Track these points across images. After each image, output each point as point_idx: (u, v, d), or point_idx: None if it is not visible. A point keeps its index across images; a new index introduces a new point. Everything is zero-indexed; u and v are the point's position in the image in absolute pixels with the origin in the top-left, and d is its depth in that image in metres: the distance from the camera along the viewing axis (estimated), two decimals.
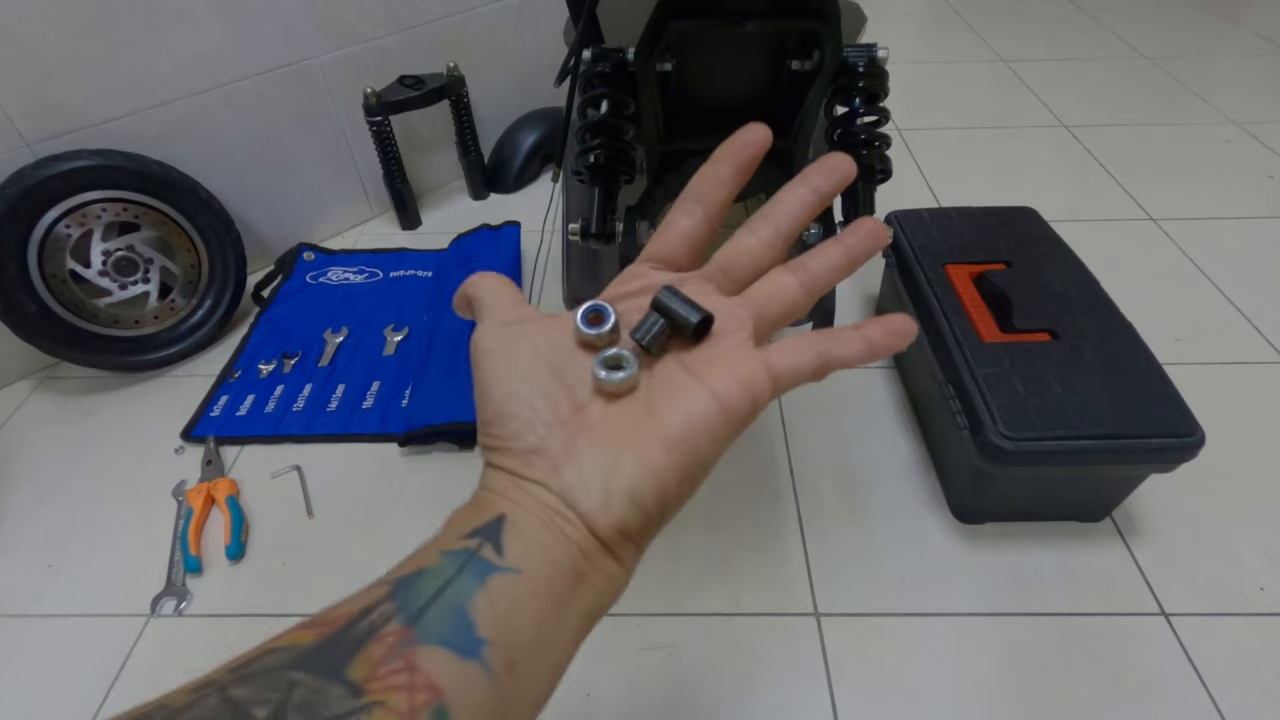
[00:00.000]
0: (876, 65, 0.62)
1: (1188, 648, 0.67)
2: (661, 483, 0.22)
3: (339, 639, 0.18)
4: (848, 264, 0.27)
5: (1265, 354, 0.96)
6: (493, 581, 0.20)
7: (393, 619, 0.19)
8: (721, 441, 0.23)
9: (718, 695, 0.66)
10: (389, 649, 0.18)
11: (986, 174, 1.37)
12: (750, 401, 0.23)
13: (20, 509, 0.85)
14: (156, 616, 0.73)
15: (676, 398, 0.23)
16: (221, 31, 1.01)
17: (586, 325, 0.24)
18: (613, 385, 0.23)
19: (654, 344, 0.24)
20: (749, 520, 0.79)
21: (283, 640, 0.18)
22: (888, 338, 0.25)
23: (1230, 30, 1.90)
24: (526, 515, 0.22)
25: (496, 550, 0.21)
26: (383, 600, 0.19)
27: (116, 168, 0.93)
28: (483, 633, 0.19)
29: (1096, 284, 0.81)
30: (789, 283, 0.26)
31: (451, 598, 0.19)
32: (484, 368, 0.24)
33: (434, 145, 1.34)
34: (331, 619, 0.19)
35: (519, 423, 0.23)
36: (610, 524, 0.22)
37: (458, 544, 0.21)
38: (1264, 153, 1.38)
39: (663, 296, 0.24)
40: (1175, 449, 0.66)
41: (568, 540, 0.22)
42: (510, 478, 0.23)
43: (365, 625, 0.18)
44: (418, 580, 0.20)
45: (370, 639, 0.18)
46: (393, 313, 1.10)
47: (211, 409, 0.95)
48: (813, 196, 0.27)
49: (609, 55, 0.61)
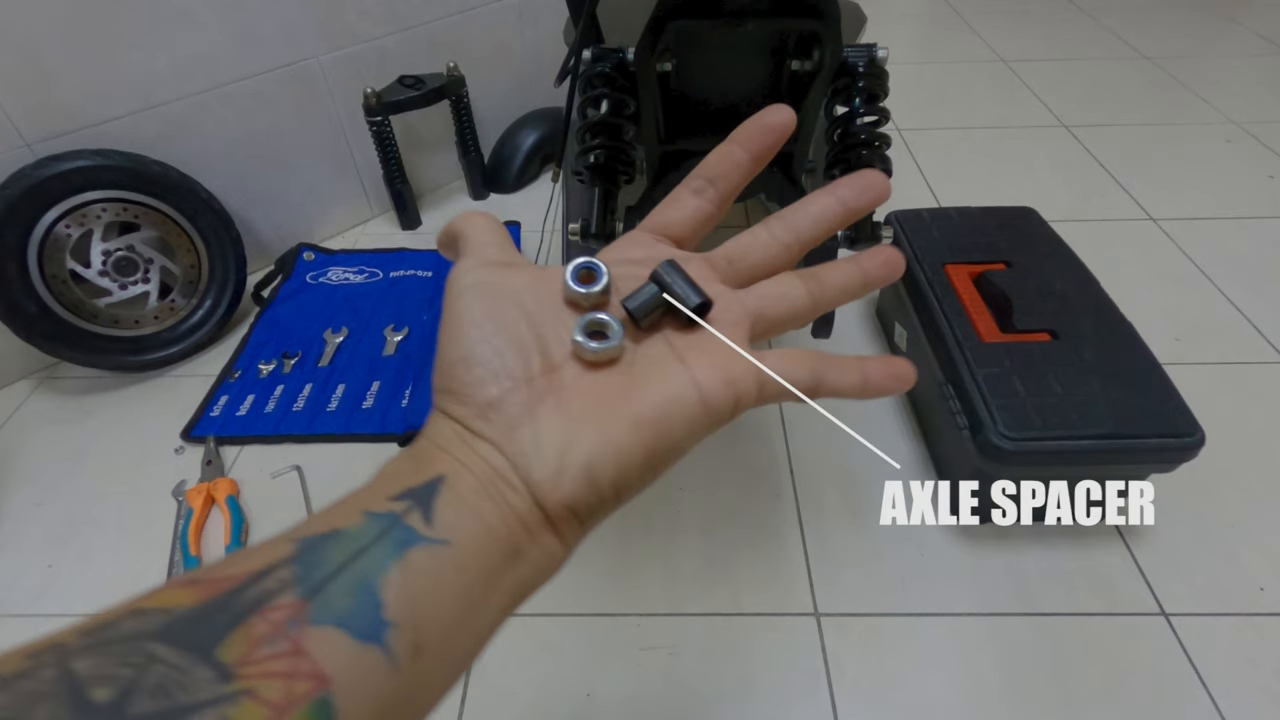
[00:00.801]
0: (876, 65, 0.62)
1: (1188, 648, 0.67)
2: (623, 463, 0.21)
3: (220, 606, 0.16)
4: (861, 287, 0.26)
5: (1265, 354, 0.96)
6: (413, 554, 0.18)
7: (288, 589, 0.16)
8: (696, 433, 0.22)
9: (718, 695, 0.66)
10: (274, 627, 0.16)
11: (986, 174, 1.37)
12: (732, 399, 0.22)
13: (20, 509, 0.85)
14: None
15: (657, 378, 0.22)
16: (221, 31, 1.01)
17: (577, 282, 0.23)
18: (592, 354, 0.22)
19: (645, 316, 0.23)
20: (749, 520, 0.79)
21: (154, 599, 0.16)
22: (886, 380, 0.25)
23: (1230, 30, 1.90)
24: (468, 477, 0.20)
25: (425, 517, 0.19)
26: (283, 563, 0.17)
27: (116, 168, 0.93)
28: (390, 614, 0.17)
29: (1096, 284, 0.81)
30: (797, 289, 0.25)
31: (361, 571, 0.17)
32: (458, 305, 0.22)
33: (434, 145, 1.34)
34: (219, 578, 0.17)
35: (484, 370, 0.21)
36: (560, 498, 0.20)
37: (384, 505, 0.19)
38: (1264, 153, 1.38)
39: (663, 270, 0.23)
40: (1175, 449, 0.66)
41: (508, 509, 0.20)
42: (460, 431, 0.21)
43: (255, 593, 0.16)
44: (327, 544, 0.18)
45: (255, 612, 0.16)
46: (393, 313, 1.10)
47: (211, 409, 0.95)
48: (839, 209, 0.26)
49: (609, 55, 0.61)
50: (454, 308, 0.23)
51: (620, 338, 0.22)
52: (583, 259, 0.23)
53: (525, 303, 0.23)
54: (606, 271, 0.23)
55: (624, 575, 0.75)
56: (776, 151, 0.26)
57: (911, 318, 0.86)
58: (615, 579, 0.74)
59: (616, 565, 0.76)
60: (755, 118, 0.26)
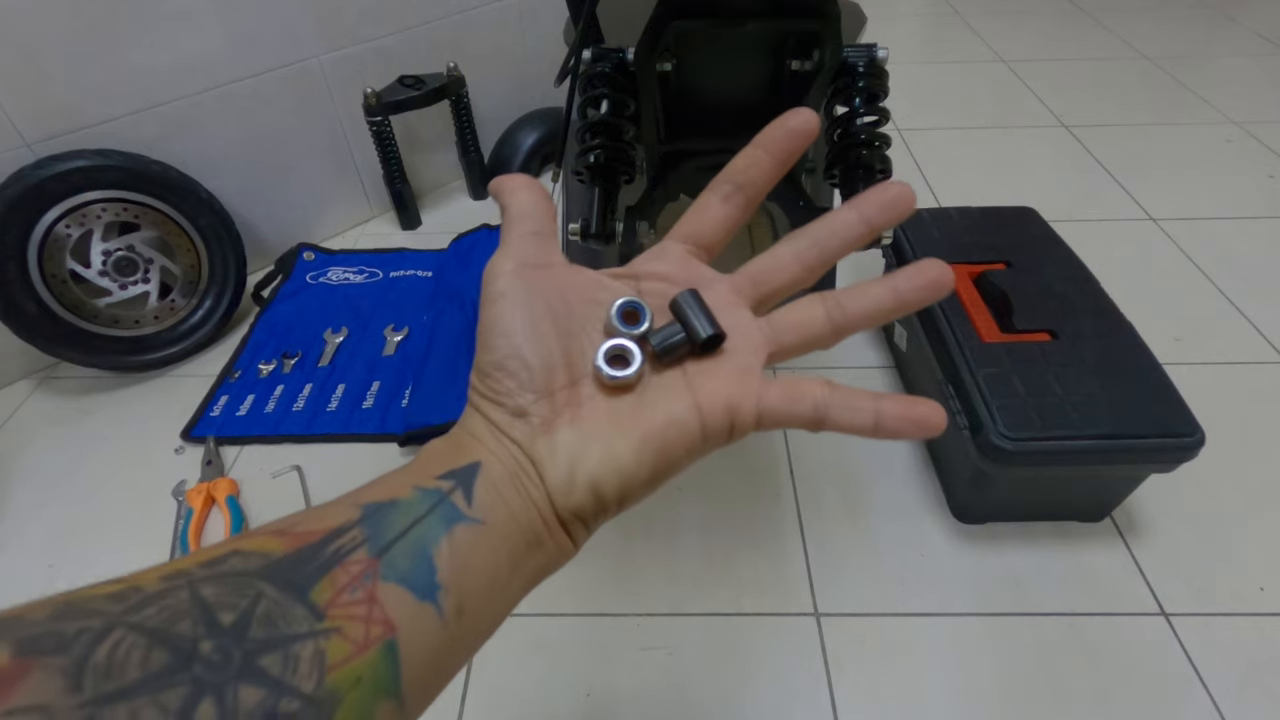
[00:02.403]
0: (876, 65, 0.62)
1: (1188, 648, 0.67)
2: (626, 478, 0.23)
3: (308, 556, 0.18)
4: (894, 308, 0.25)
5: (1265, 354, 0.96)
6: (458, 529, 0.21)
7: (361, 547, 0.19)
8: (694, 453, 0.23)
9: (718, 695, 0.66)
10: (353, 578, 0.18)
11: (986, 174, 1.37)
12: (728, 425, 0.23)
13: (21, 509, 0.85)
14: None
15: (664, 403, 0.23)
16: (221, 31, 1.01)
17: (622, 322, 0.24)
18: (610, 381, 0.23)
19: (667, 356, 0.24)
20: (749, 520, 0.79)
21: (251, 543, 0.19)
22: (902, 424, 0.23)
23: (1230, 30, 1.90)
24: (499, 467, 0.22)
25: (466, 497, 0.21)
26: (353, 524, 0.20)
27: (116, 168, 0.93)
28: (440, 578, 0.20)
29: (1096, 284, 0.81)
30: (817, 316, 0.25)
31: (418, 538, 0.20)
32: (493, 311, 0.24)
33: (434, 145, 1.34)
34: (303, 532, 0.19)
35: (515, 382, 0.23)
36: (568, 507, 0.23)
37: (431, 482, 0.21)
38: (1264, 153, 1.38)
39: (682, 300, 0.24)
40: (1175, 449, 0.66)
41: (530, 503, 0.22)
42: (491, 428, 0.23)
43: (334, 548, 0.19)
44: (389, 511, 0.20)
45: (337, 564, 0.19)
46: (393, 313, 1.10)
47: (211, 409, 0.95)
48: (864, 228, 0.25)
49: (609, 55, 0.61)
50: (489, 312, 0.24)
51: (639, 366, 0.23)
52: (627, 299, 0.24)
53: (557, 310, 0.24)
54: (650, 316, 0.24)
55: (624, 575, 0.75)
56: (800, 155, 0.26)
57: (911, 318, 0.86)
58: (615, 579, 0.74)
59: (617, 565, 0.76)
60: (778, 122, 0.25)
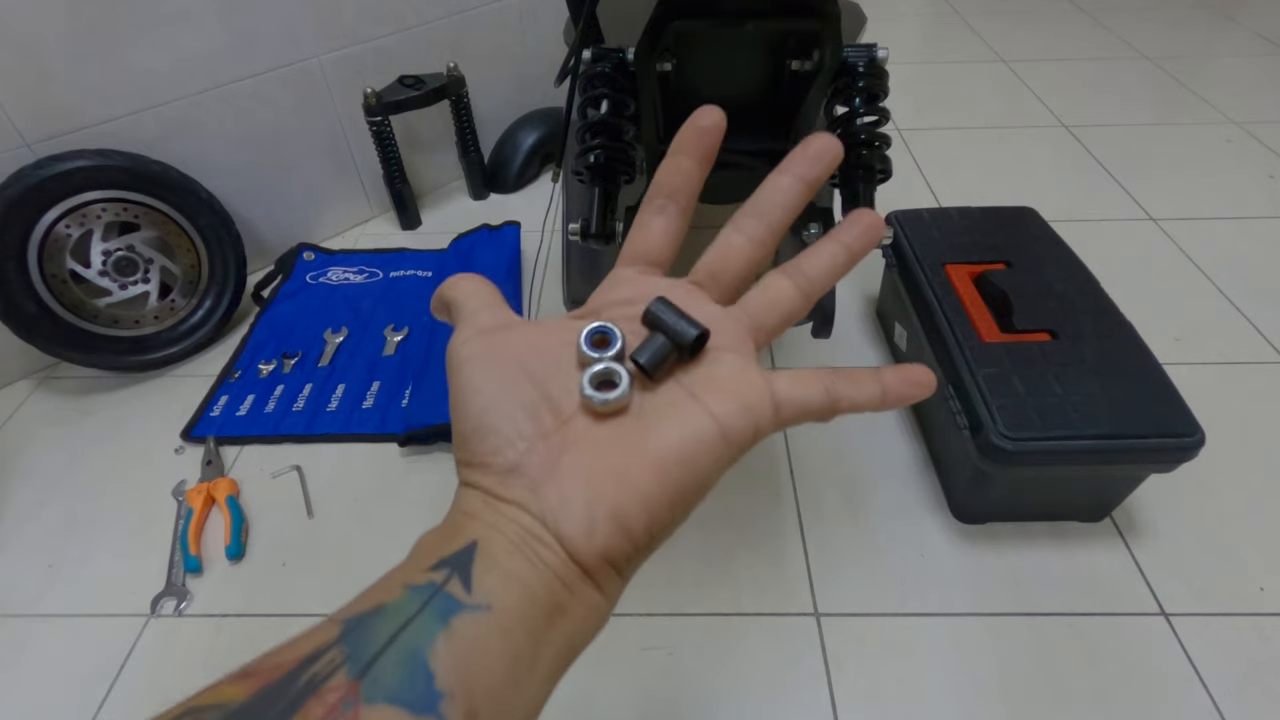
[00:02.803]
0: (876, 65, 0.62)
1: (1188, 648, 0.67)
2: (652, 508, 0.21)
3: (274, 696, 0.16)
4: (847, 261, 0.25)
5: (1265, 354, 0.96)
6: (457, 622, 0.18)
7: (339, 669, 0.17)
8: (721, 467, 0.22)
9: (718, 695, 0.66)
10: (330, 709, 0.16)
11: (986, 174, 1.37)
12: (752, 428, 0.22)
13: (20, 509, 0.85)
14: (156, 616, 0.73)
15: (672, 418, 0.22)
16: (221, 31, 1.01)
17: (591, 348, 0.22)
18: (601, 405, 0.21)
19: (656, 368, 0.22)
20: (749, 520, 0.79)
21: (209, 696, 0.16)
22: (904, 386, 0.24)
23: (1230, 30, 1.90)
24: (500, 540, 0.20)
25: (465, 584, 0.19)
26: (330, 645, 0.17)
27: (116, 168, 0.93)
28: (441, 684, 0.17)
29: (1096, 284, 0.81)
30: (785, 288, 0.25)
31: (409, 643, 0.17)
32: (460, 378, 0.22)
33: (434, 145, 1.34)
34: (271, 666, 0.17)
35: (498, 438, 0.21)
36: (594, 550, 0.20)
37: (423, 576, 0.19)
38: (1264, 153, 1.38)
39: (655, 309, 0.23)
40: (1175, 449, 0.66)
41: (544, 567, 0.20)
42: (485, 498, 0.21)
43: (307, 679, 0.16)
44: (373, 621, 0.18)
45: (310, 696, 0.16)
46: (393, 313, 1.10)
47: (211, 409, 0.95)
48: (799, 185, 0.25)
49: (609, 55, 0.61)
50: (456, 381, 0.23)
51: (628, 384, 0.22)
52: (594, 324, 0.23)
53: (526, 361, 0.23)
54: (621, 336, 0.23)
55: None
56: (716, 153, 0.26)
57: (911, 318, 0.86)
58: None
59: None
60: (689, 124, 0.26)
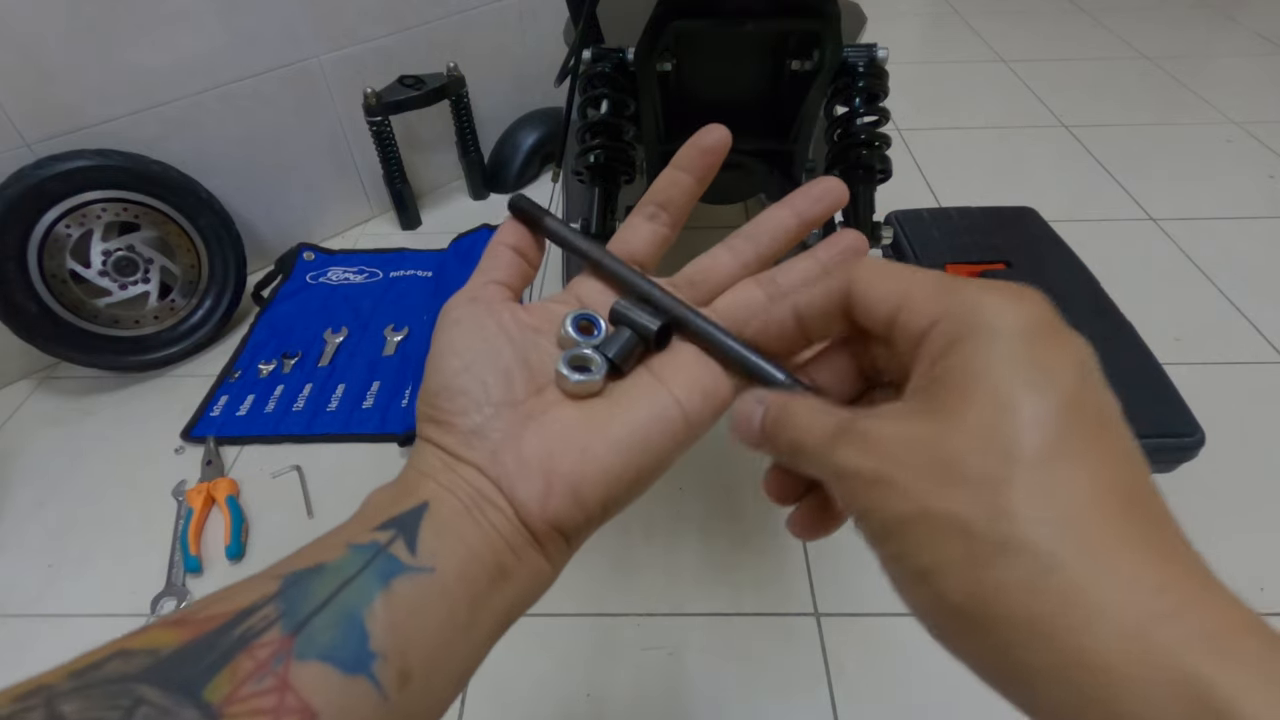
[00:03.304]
0: (876, 65, 0.62)
1: None
2: (611, 483, 0.21)
3: (206, 645, 0.16)
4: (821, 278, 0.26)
5: (1265, 354, 0.96)
6: (397, 583, 0.18)
7: (274, 625, 0.17)
8: (681, 447, 0.22)
9: (718, 695, 0.66)
10: (260, 664, 0.16)
11: (986, 174, 1.37)
12: (712, 411, 0.23)
13: (20, 509, 0.85)
14: (156, 616, 0.73)
15: (638, 398, 0.23)
16: (221, 31, 1.01)
17: (578, 334, 0.24)
18: (574, 386, 0.23)
19: (625, 363, 0.23)
20: (749, 520, 0.79)
21: (141, 639, 0.16)
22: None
23: (1230, 30, 1.90)
24: (451, 501, 0.20)
25: (409, 545, 0.19)
26: (268, 600, 0.17)
27: (116, 168, 0.93)
28: (376, 644, 0.17)
29: (1096, 284, 0.82)
30: (755, 296, 0.25)
31: (346, 604, 0.17)
32: (443, 338, 0.23)
33: (434, 145, 1.34)
34: (205, 617, 0.17)
35: (467, 399, 0.22)
36: (546, 518, 0.21)
37: (368, 536, 0.19)
38: (1264, 153, 1.38)
39: (620, 307, 0.24)
40: (1175, 449, 0.66)
41: (493, 530, 0.20)
42: (444, 457, 0.21)
43: (240, 631, 0.16)
44: (312, 578, 0.18)
45: (241, 650, 0.16)
46: (393, 313, 1.09)
47: (211, 409, 0.95)
48: (795, 220, 0.26)
49: (609, 55, 0.61)
50: (438, 339, 0.23)
51: (603, 372, 0.23)
52: (581, 310, 0.24)
53: (508, 326, 0.23)
54: (604, 325, 0.24)
55: (624, 575, 0.75)
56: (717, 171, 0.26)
57: None
58: (615, 579, 0.74)
59: (616, 565, 0.76)
60: (693, 141, 0.26)
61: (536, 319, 0.24)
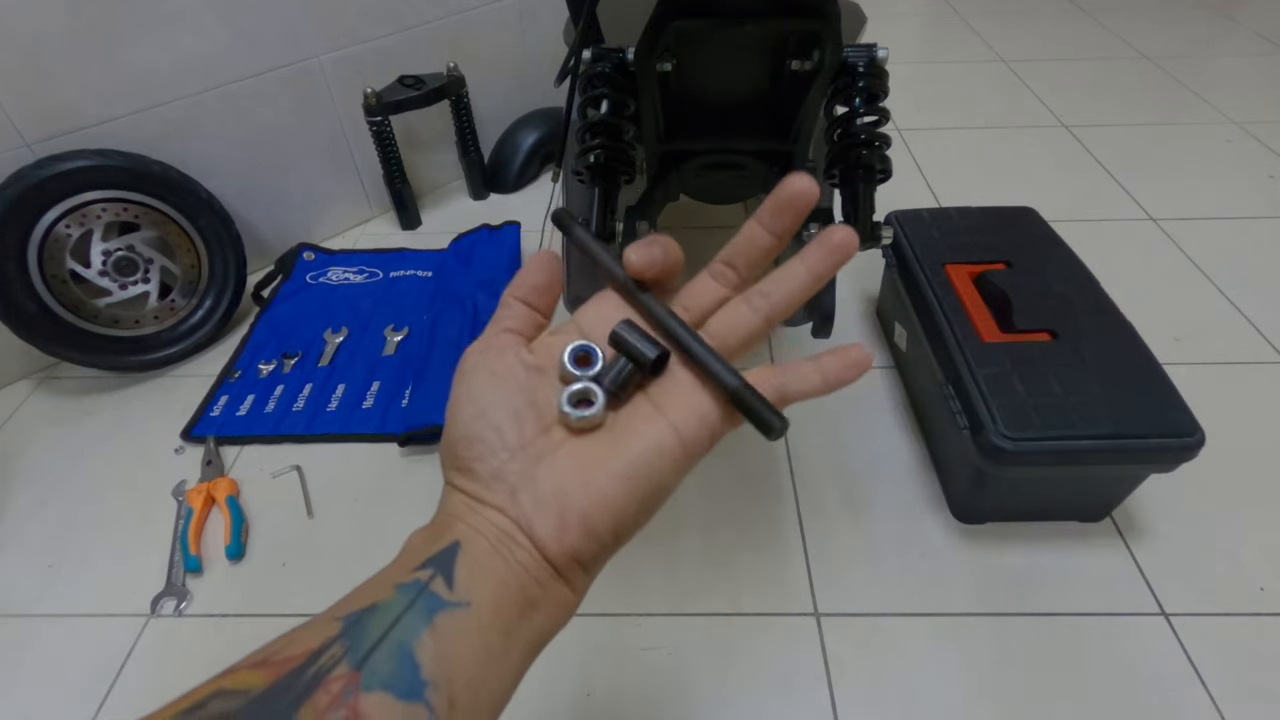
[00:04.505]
0: (876, 65, 0.62)
1: (1188, 648, 0.67)
2: (617, 512, 0.23)
3: (288, 684, 0.19)
4: (812, 283, 0.26)
5: (1265, 354, 0.96)
6: (440, 619, 0.21)
7: (341, 661, 0.19)
8: (681, 472, 0.24)
9: (718, 695, 0.66)
10: (334, 697, 0.18)
11: (986, 174, 1.37)
12: (708, 435, 0.25)
13: (21, 509, 0.85)
14: (156, 616, 0.73)
15: (638, 429, 0.24)
16: (221, 31, 1.01)
17: (575, 366, 0.25)
18: (576, 422, 0.24)
19: (622, 391, 0.25)
20: (749, 520, 0.79)
21: (233, 680, 0.19)
22: (844, 371, 0.26)
23: (1230, 30, 1.90)
24: (480, 541, 0.22)
25: (447, 582, 0.21)
26: (333, 640, 0.20)
27: (116, 168, 0.93)
28: (426, 674, 0.20)
29: (1096, 284, 0.81)
30: (745, 315, 0.27)
31: (398, 638, 0.20)
32: (460, 387, 0.25)
33: (434, 145, 1.34)
34: (283, 659, 0.19)
35: (483, 446, 0.23)
36: (564, 551, 0.23)
37: (410, 575, 0.22)
38: (1264, 153, 1.38)
39: (620, 331, 0.25)
40: (1175, 449, 0.66)
41: (519, 566, 0.22)
42: (468, 501, 0.23)
43: (314, 670, 0.19)
44: (369, 618, 0.20)
45: (318, 686, 0.19)
46: (393, 313, 1.10)
47: (211, 409, 0.95)
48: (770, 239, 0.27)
49: (609, 55, 0.61)
50: (455, 388, 0.25)
51: (603, 404, 0.24)
52: (579, 342, 0.25)
53: (515, 370, 0.25)
54: (602, 356, 0.25)
55: (624, 575, 0.75)
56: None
57: (911, 318, 0.86)
58: (615, 579, 0.74)
59: (617, 565, 0.75)
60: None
61: (540, 358, 0.26)
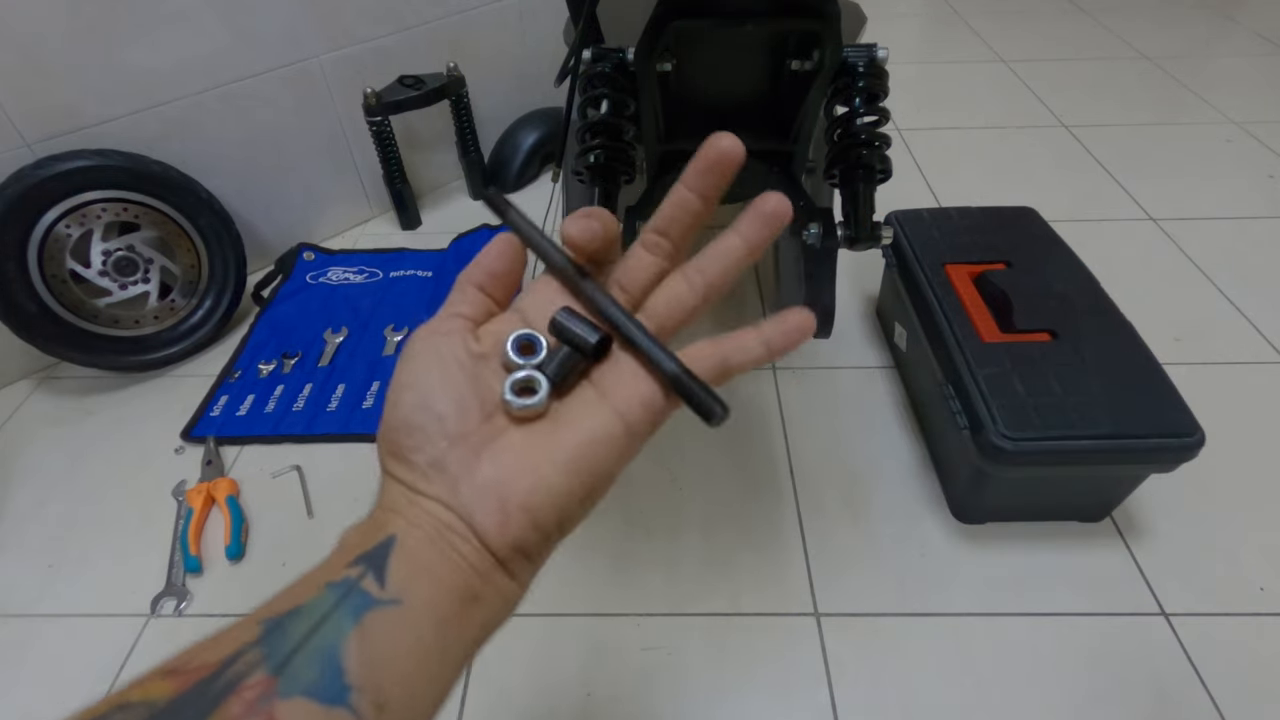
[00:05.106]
0: (876, 65, 0.62)
1: (1188, 648, 0.67)
2: (561, 502, 0.22)
3: (197, 694, 0.17)
4: (747, 254, 0.26)
5: (1265, 354, 0.96)
6: (369, 618, 0.19)
7: (257, 668, 0.18)
8: (625, 459, 0.24)
9: (718, 695, 0.66)
10: (248, 706, 0.17)
11: (986, 174, 1.37)
12: (651, 420, 0.24)
13: (21, 509, 0.85)
14: (156, 616, 0.73)
15: (582, 417, 0.23)
16: (221, 31, 1.01)
17: (518, 354, 0.24)
18: (519, 410, 0.23)
19: (563, 380, 0.24)
20: (749, 520, 0.79)
21: (139, 692, 0.18)
22: (786, 337, 0.25)
23: (1230, 30, 1.90)
24: (417, 534, 0.21)
25: (379, 580, 0.20)
26: (251, 645, 0.19)
27: (116, 168, 0.93)
28: (351, 678, 0.18)
29: (1096, 284, 0.81)
30: (681, 289, 0.26)
31: (322, 641, 0.19)
32: (402, 370, 0.24)
33: (434, 145, 1.34)
34: (195, 667, 0.18)
35: (423, 435, 0.22)
36: (507, 542, 0.22)
37: (341, 573, 0.21)
38: (1264, 153, 1.38)
39: (560, 318, 0.24)
40: (1175, 449, 0.66)
41: (459, 558, 0.21)
42: (407, 493, 0.22)
43: (227, 677, 0.18)
44: (290, 621, 0.19)
45: (229, 694, 0.17)
46: (393, 313, 1.10)
47: (211, 409, 0.95)
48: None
49: (609, 55, 0.61)
50: (396, 373, 0.24)
51: (546, 392, 0.24)
52: (523, 330, 0.25)
53: (460, 357, 0.24)
54: (546, 345, 0.25)
55: (624, 575, 0.75)
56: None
57: (911, 318, 0.86)
58: (615, 579, 0.74)
59: (616, 565, 0.76)
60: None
61: (485, 345, 0.25)
